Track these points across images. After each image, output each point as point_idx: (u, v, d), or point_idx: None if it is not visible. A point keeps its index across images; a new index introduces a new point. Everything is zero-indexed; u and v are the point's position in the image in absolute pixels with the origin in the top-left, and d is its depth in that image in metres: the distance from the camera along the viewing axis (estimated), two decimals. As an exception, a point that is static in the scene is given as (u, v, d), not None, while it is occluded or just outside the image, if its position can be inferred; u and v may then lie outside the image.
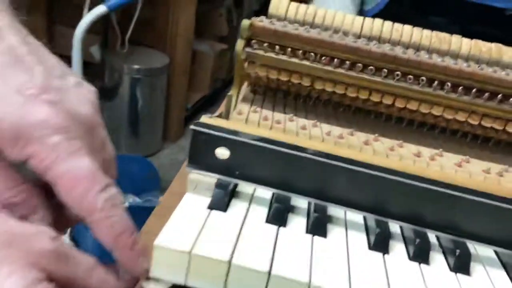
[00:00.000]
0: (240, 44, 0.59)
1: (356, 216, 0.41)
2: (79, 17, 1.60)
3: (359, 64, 0.57)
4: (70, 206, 0.28)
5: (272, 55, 0.59)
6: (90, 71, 2.18)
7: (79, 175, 0.27)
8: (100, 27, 2.03)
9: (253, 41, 0.59)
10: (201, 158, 0.38)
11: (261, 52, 0.59)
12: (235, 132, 0.38)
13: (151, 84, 2.03)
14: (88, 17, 1.11)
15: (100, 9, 1.07)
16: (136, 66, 1.98)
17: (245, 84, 0.68)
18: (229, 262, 0.32)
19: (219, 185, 0.38)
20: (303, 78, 0.60)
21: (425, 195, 0.36)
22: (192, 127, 0.37)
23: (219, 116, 0.51)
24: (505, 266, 0.37)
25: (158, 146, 2.17)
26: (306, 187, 0.38)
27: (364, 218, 0.40)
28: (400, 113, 0.61)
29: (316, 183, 0.38)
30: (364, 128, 0.55)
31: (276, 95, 0.66)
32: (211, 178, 0.39)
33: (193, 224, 0.34)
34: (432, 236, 0.38)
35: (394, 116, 0.63)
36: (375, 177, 0.37)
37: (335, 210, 0.41)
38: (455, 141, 0.60)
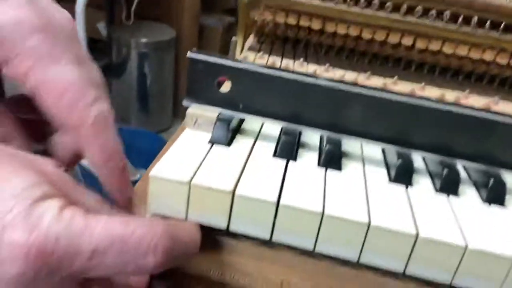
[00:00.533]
0: (243, -15, 0.55)
1: (374, 151, 0.37)
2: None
3: (375, 1, 0.52)
4: (56, 119, 0.25)
5: (279, -4, 0.55)
6: (98, 48, 2.15)
7: (66, 82, 0.24)
8: (105, 2, 2.00)
9: (258, -18, 0.55)
10: (201, 90, 0.35)
11: (266, -7, 0.55)
12: (237, 60, 0.34)
13: (159, 58, 1.99)
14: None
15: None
16: (143, 40, 1.94)
17: (251, 36, 0.64)
18: (233, 192, 0.28)
19: (221, 119, 0.34)
20: (313, 20, 0.56)
21: (454, 121, 0.32)
22: (188, 54, 0.34)
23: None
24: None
25: (169, 123, 2.15)
26: (318, 118, 0.34)
27: (384, 152, 0.37)
28: (421, 57, 0.56)
29: (329, 113, 0.34)
30: (381, 75, 0.51)
31: (285, 45, 0.61)
32: (212, 113, 0.35)
33: (193, 157, 0.31)
34: (460, 168, 0.34)
35: (415, 61, 0.58)
36: (396, 103, 0.33)
37: (350, 145, 0.37)
38: (481, 87, 0.56)
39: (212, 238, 0.31)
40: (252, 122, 0.38)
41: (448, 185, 0.32)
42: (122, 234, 0.23)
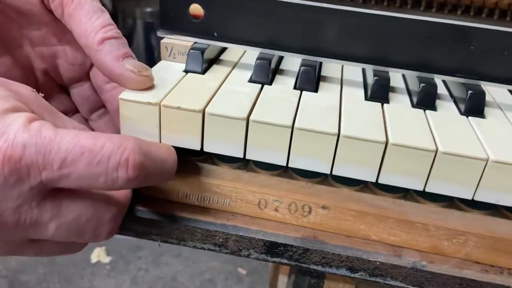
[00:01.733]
0: None
1: (354, 73, 0.36)
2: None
3: None
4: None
5: None
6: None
7: None
8: (108, -27, 1.98)
9: None
10: (174, 20, 0.34)
11: None
12: (207, -15, 0.34)
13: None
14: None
15: None
16: (148, 9, 1.93)
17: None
18: (203, 111, 0.28)
19: (194, 47, 0.34)
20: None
21: (431, 33, 0.31)
22: (158, -19, 0.33)
23: None
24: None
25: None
26: (295, 42, 0.34)
27: (364, 75, 0.36)
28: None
29: (305, 36, 0.33)
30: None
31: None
32: (187, 43, 0.35)
33: (165, 83, 0.31)
34: (440, 84, 0.34)
35: None
36: (372, 17, 0.32)
37: (330, 69, 0.37)
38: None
39: (189, 164, 0.32)
40: (232, 53, 0.38)
41: (425, 99, 0.31)
42: (92, 146, 0.23)
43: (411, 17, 0.31)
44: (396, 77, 0.36)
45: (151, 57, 2.01)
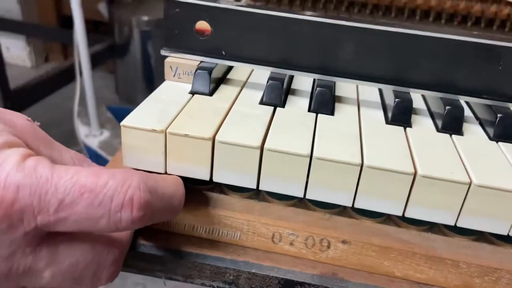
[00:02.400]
0: None
1: (371, 93, 0.34)
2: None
3: None
4: None
5: None
6: (100, 30, 2.13)
7: None
8: (104, -18, 1.97)
9: None
10: (180, 37, 0.32)
11: None
12: (215, 0, 0.31)
13: (161, 36, 1.96)
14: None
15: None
16: (145, 18, 1.91)
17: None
18: (213, 139, 0.26)
19: (201, 67, 0.31)
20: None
21: (456, 52, 0.29)
22: (163, -4, 0.31)
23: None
24: None
25: (177, 101, 2.13)
26: (308, 61, 0.31)
27: (381, 95, 0.34)
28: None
29: (319, 54, 0.31)
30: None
31: (281, 1, 0.58)
32: (193, 62, 0.32)
33: (170, 106, 0.29)
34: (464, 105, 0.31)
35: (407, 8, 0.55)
36: (395, 35, 0.30)
37: (344, 89, 0.35)
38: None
39: (196, 193, 0.29)
40: (239, 71, 0.36)
41: (451, 123, 0.29)
42: (92, 186, 0.21)
43: (434, 35, 0.29)
44: (414, 97, 0.34)
45: (147, 66, 1.99)
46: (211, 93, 0.31)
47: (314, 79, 0.34)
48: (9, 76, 1.56)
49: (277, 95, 0.31)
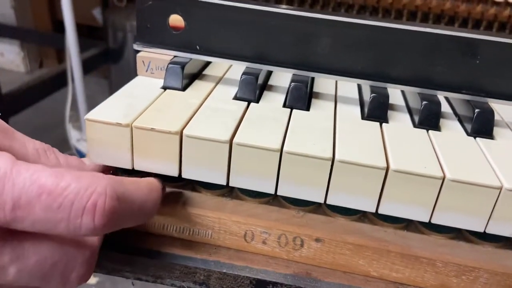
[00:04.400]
0: None
1: (349, 91, 0.33)
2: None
3: None
4: None
5: None
6: (95, 35, 2.13)
7: None
8: (98, -13, 1.97)
9: None
10: (152, 31, 0.31)
11: None
12: (188, -6, 0.31)
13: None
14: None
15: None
16: (138, 24, 1.90)
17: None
18: (181, 133, 0.25)
19: (173, 62, 0.31)
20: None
21: (433, 45, 0.28)
22: (134, -10, 0.30)
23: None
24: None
25: (171, 106, 2.12)
26: (285, 55, 0.31)
27: (359, 91, 0.33)
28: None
29: (296, 49, 0.30)
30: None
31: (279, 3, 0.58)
32: (167, 56, 0.32)
33: (139, 101, 0.28)
34: (442, 100, 0.31)
35: (394, 9, 0.55)
36: (373, 29, 0.29)
37: (323, 85, 0.34)
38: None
39: (167, 191, 0.28)
40: (216, 67, 0.35)
41: (428, 119, 0.28)
42: (52, 187, 0.19)
43: (411, 28, 0.28)
44: (394, 93, 0.33)
45: (141, 71, 1.98)
46: (183, 88, 0.30)
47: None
48: (2, 81, 1.55)
49: (251, 90, 0.30)
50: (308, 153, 0.24)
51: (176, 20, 0.31)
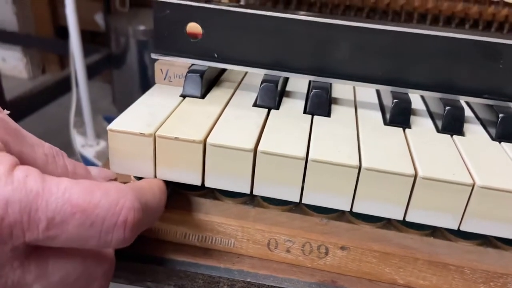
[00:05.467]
0: None
1: (368, 94, 0.33)
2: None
3: None
4: None
5: None
6: (97, 41, 2.13)
7: None
8: (100, -8, 1.97)
9: None
10: (169, 39, 0.31)
11: None
12: (207, 1, 0.31)
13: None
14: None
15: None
16: (141, 28, 1.90)
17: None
18: (204, 142, 0.25)
19: (192, 70, 0.31)
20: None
21: (455, 50, 0.28)
22: (152, -3, 0.30)
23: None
24: None
25: (174, 111, 2.12)
26: (304, 62, 0.30)
27: (379, 96, 0.33)
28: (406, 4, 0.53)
29: (314, 55, 0.30)
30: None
31: (276, 6, 0.57)
32: (185, 64, 0.32)
33: (160, 110, 0.28)
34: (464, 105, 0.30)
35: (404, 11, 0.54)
36: (391, 34, 0.29)
37: (341, 90, 0.34)
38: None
39: (188, 199, 0.28)
40: (233, 73, 0.35)
41: (452, 124, 0.28)
42: (84, 205, 0.19)
43: (432, 33, 0.28)
44: (413, 98, 0.33)
45: (144, 75, 1.98)
46: (203, 96, 0.30)
47: (310, 81, 0.33)
48: (5, 88, 1.54)
49: (271, 98, 0.30)
50: (333, 160, 0.24)
51: (194, 28, 0.31)
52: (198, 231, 0.27)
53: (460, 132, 0.28)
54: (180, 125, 0.26)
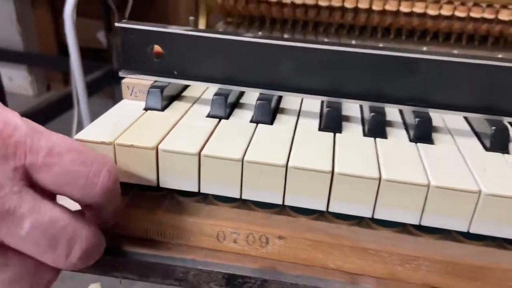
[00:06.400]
0: (197, -34, 0.56)
1: (312, 106, 0.37)
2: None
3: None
4: None
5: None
6: (100, 58, 2.19)
7: None
8: (102, 11, 2.03)
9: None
10: (135, 60, 0.36)
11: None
12: (167, 26, 0.35)
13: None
14: (70, 1, 1.10)
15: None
16: (141, 45, 1.97)
17: (221, 23, 0.65)
18: (156, 148, 0.29)
19: (154, 86, 0.35)
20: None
21: (380, 65, 0.32)
22: (117, 24, 0.35)
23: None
24: (477, 133, 0.33)
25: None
26: (252, 77, 0.35)
27: (321, 106, 0.37)
28: (381, 21, 0.57)
29: (259, 71, 0.35)
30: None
31: (252, 25, 0.62)
32: (148, 81, 0.36)
33: (123, 122, 0.32)
34: (394, 112, 0.35)
35: (372, 26, 0.59)
36: (328, 53, 0.33)
37: (289, 101, 0.38)
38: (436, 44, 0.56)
39: (149, 199, 0.32)
40: (194, 89, 0.39)
41: (375, 128, 0.32)
42: (79, 147, 0.25)
43: (357, 51, 0.33)
44: (352, 107, 0.37)
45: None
46: (163, 109, 0.35)
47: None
48: (12, 105, 1.59)
49: (222, 109, 0.34)
50: (265, 161, 0.28)
51: (156, 49, 0.35)
52: (158, 227, 0.32)
53: (383, 135, 0.32)
54: (138, 134, 0.30)
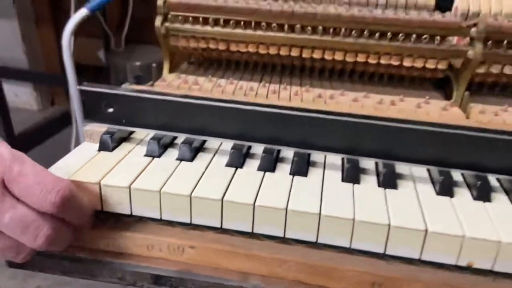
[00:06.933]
0: (158, 20, 0.67)
1: (225, 145, 0.48)
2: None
3: (263, 24, 0.64)
4: None
5: (188, 26, 0.67)
6: (101, 75, 2.31)
7: None
8: (100, 30, 2.16)
9: (169, 16, 0.67)
10: (93, 112, 0.47)
11: (177, 25, 0.67)
12: (114, 87, 0.46)
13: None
14: (71, 22, 1.21)
15: (82, 12, 1.16)
16: (137, 63, 2.09)
17: (185, 63, 0.76)
18: (99, 183, 0.40)
19: (106, 132, 0.46)
20: (219, 43, 0.67)
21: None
22: (78, 87, 0.46)
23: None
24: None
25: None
26: (180, 125, 0.46)
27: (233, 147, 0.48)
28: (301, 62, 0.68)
29: (186, 121, 0.46)
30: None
31: (211, 65, 0.73)
32: (103, 128, 0.47)
33: (79, 161, 0.43)
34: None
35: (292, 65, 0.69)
36: (235, 109, 0.44)
37: (212, 143, 0.49)
38: (345, 81, 0.66)
39: (97, 219, 0.43)
40: (140, 132, 0.51)
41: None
42: (43, 173, 0.37)
43: (258, 109, 0.44)
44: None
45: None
46: (112, 150, 0.46)
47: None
48: (17, 119, 1.72)
49: (156, 149, 0.45)
50: (173, 191, 0.39)
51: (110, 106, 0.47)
52: (105, 240, 0.43)
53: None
54: (88, 172, 0.42)
